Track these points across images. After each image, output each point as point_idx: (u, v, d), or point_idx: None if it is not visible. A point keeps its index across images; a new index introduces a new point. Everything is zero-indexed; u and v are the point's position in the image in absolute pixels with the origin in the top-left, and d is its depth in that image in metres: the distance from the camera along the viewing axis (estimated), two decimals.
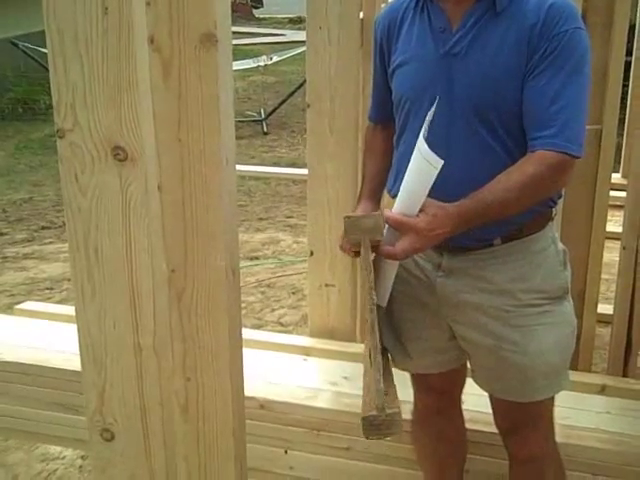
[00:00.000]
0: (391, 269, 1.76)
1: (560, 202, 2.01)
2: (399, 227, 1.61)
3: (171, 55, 1.37)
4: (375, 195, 2.02)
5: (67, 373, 2.71)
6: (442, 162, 1.54)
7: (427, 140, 1.57)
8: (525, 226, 1.83)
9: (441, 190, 1.62)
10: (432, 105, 1.73)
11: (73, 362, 1.48)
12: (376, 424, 1.47)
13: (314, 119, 2.77)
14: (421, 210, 1.61)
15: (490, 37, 1.74)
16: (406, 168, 1.68)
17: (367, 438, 1.50)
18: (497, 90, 1.73)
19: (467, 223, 1.65)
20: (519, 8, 1.73)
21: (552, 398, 1.97)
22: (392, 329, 1.97)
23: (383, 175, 2.01)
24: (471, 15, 1.77)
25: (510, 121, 1.74)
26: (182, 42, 1.37)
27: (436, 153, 1.55)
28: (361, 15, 2.73)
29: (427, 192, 1.59)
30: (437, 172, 1.55)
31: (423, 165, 1.55)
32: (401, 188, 1.64)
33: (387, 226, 1.64)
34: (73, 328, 1.46)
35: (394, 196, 1.82)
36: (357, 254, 1.73)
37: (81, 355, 1.43)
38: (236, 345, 1.55)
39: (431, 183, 1.57)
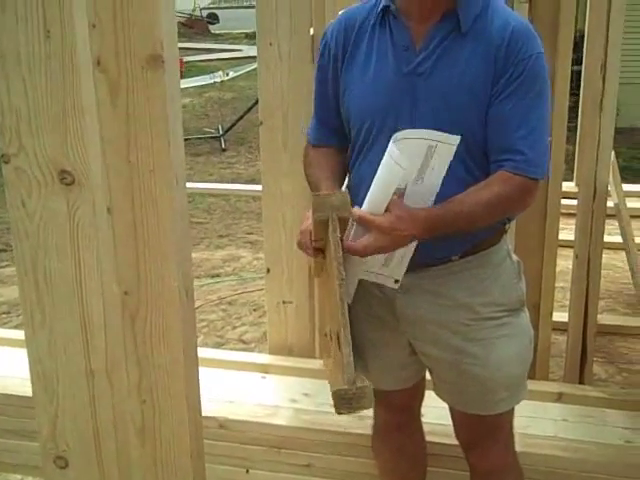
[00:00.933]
0: (355, 266, 1.74)
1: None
2: (363, 223, 1.62)
3: (118, 76, 1.36)
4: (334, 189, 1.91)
5: (22, 399, 2.67)
6: (408, 164, 1.57)
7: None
8: (482, 241, 1.84)
9: None
10: (396, 125, 1.71)
11: (27, 388, 1.46)
12: (347, 398, 1.46)
13: (267, 136, 2.77)
14: (387, 210, 1.62)
15: (456, 58, 1.73)
16: (367, 190, 1.66)
17: (338, 413, 1.49)
18: (462, 112, 1.72)
19: (434, 230, 1.65)
20: (483, 29, 1.72)
21: (512, 409, 1.98)
22: (352, 347, 1.95)
23: (338, 176, 1.92)
24: (435, 34, 1.74)
25: (473, 143, 1.73)
26: (129, 63, 1.36)
27: None
28: (311, 31, 2.74)
29: (392, 192, 1.61)
30: (403, 174, 1.59)
31: (393, 167, 1.58)
32: (370, 188, 1.65)
33: (354, 224, 1.65)
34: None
35: None
36: (317, 252, 1.72)
37: (32, 381, 1.42)
38: (192, 365, 1.54)
39: (396, 184, 1.60)
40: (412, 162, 1.60)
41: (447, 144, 1.60)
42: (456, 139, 1.59)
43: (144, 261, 1.42)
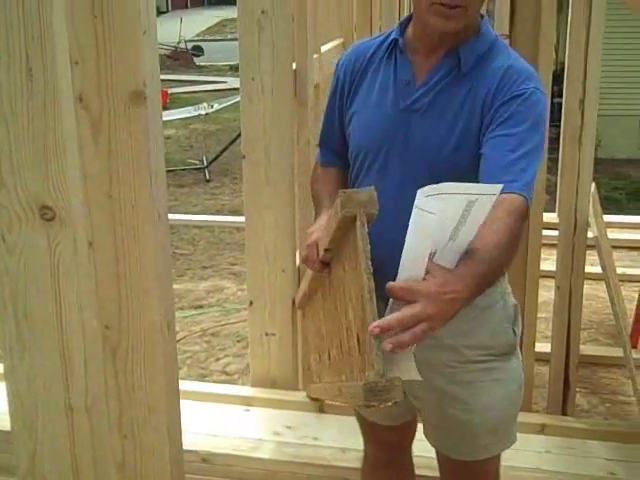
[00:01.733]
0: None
1: None
2: (408, 295, 1.35)
3: (100, 113, 1.38)
4: None
5: (1, 434, 2.64)
6: (439, 209, 1.36)
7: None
8: None
9: (388, 251, 1.43)
10: (387, 159, 1.71)
11: (6, 422, 1.45)
12: (377, 390, 1.41)
13: (250, 169, 2.79)
14: (427, 273, 1.39)
15: (451, 98, 1.71)
16: None
17: (367, 407, 1.40)
18: (452, 155, 1.69)
19: (478, 286, 1.44)
20: (482, 71, 1.71)
21: (498, 455, 1.93)
22: None
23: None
24: (437, 71, 1.73)
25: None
26: (111, 100, 1.37)
27: (387, 214, 1.49)
28: (294, 66, 2.77)
29: (428, 252, 1.41)
30: (437, 225, 1.38)
31: (422, 219, 1.37)
32: (402, 258, 1.41)
33: (389, 306, 1.44)
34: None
35: None
36: (324, 266, 1.69)
37: (10, 416, 1.41)
38: (173, 400, 1.54)
39: (431, 235, 1.38)
40: (446, 217, 1.38)
41: (487, 195, 1.38)
42: (498, 188, 1.38)
43: (125, 296, 1.43)
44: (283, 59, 2.70)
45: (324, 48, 3.33)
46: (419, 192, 1.36)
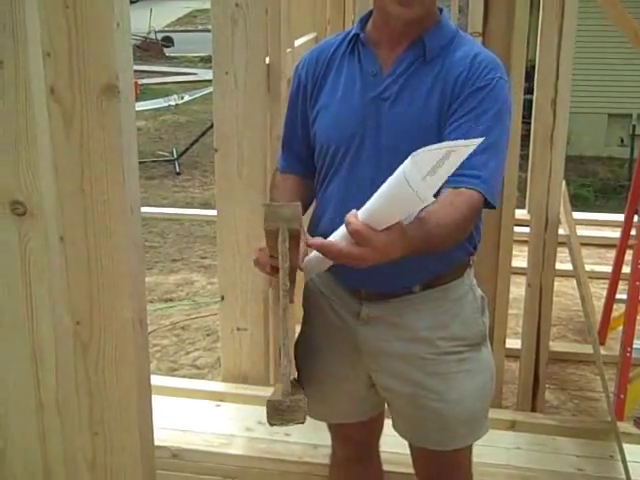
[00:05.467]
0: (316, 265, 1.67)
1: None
2: (359, 239, 1.45)
3: (72, 106, 1.36)
4: None
5: None
6: (432, 200, 1.44)
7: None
8: (445, 274, 1.83)
9: None
10: (360, 149, 1.73)
11: None
12: (280, 409, 1.45)
13: (222, 163, 2.77)
14: (387, 227, 1.46)
15: (419, 85, 1.75)
16: (334, 210, 1.66)
17: (270, 424, 1.47)
18: (424, 137, 1.69)
19: (412, 252, 1.53)
20: (447, 58, 1.75)
21: (470, 446, 1.96)
22: (310, 378, 1.93)
23: (302, 200, 1.82)
24: (402, 61, 1.77)
25: None
26: (83, 93, 1.36)
27: (361, 203, 1.49)
28: (267, 60, 2.76)
29: (398, 218, 1.47)
30: (415, 200, 1.43)
31: (403, 190, 1.42)
32: (375, 198, 1.48)
33: (343, 230, 1.51)
34: None
35: None
36: (274, 270, 1.68)
37: None
38: (145, 397, 1.52)
39: (406, 213, 1.47)
40: (424, 173, 1.42)
41: (465, 147, 1.44)
42: (477, 141, 1.44)
43: (97, 291, 1.41)
44: (256, 53, 2.69)
45: (297, 42, 3.32)
46: (410, 160, 1.39)
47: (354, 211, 1.48)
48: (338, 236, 1.55)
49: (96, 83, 1.36)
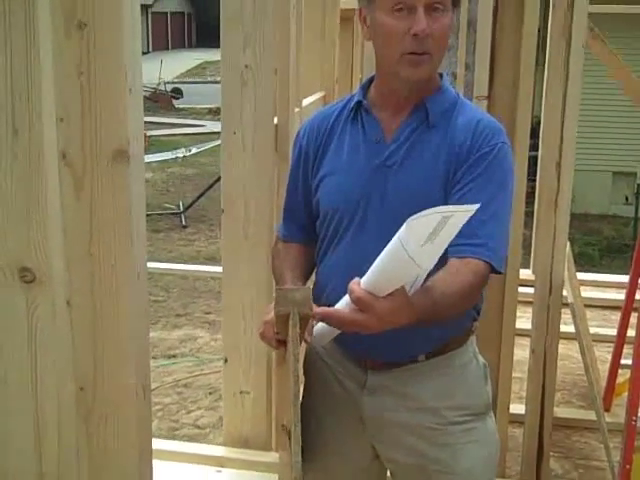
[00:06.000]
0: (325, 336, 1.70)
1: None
2: (362, 305, 1.49)
3: (83, 170, 1.37)
4: (298, 282, 1.87)
5: None
6: (430, 266, 1.48)
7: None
8: (449, 341, 1.82)
9: None
10: (365, 216, 1.73)
11: None
12: None
13: (229, 224, 2.77)
14: (391, 294, 1.49)
15: (423, 151, 1.76)
16: (339, 278, 1.66)
17: None
18: (429, 203, 1.65)
19: (418, 320, 1.55)
20: (449, 123, 1.76)
21: None
22: (311, 448, 1.90)
23: (303, 270, 1.92)
24: (406, 127, 1.78)
25: None
26: (95, 158, 1.37)
27: (367, 267, 1.51)
28: (275, 120, 2.78)
29: (399, 284, 1.50)
30: (413, 269, 1.46)
31: (410, 264, 1.45)
32: (376, 264, 1.51)
33: (347, 298, 1.55)
34: None
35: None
36: (280, 344, 1.69)
37: None
38: (146, 464, 1.51)
39: (405, 280, 1.50)
40: (421, 242, 1.45)
41: (463, 212, 1.47)
42: (474, 207, 1.47)
43: (102, 357, 1.41)
44: (265, 114, 2.71)
45: (306, 102, 3.34)
46: (406, 226, 1.43)
47: (357, 279, 1.52)
48: (342, 304, 1.58)
49: (107, 148, 1.37)
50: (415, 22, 1.66)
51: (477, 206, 1.48)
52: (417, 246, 1.43)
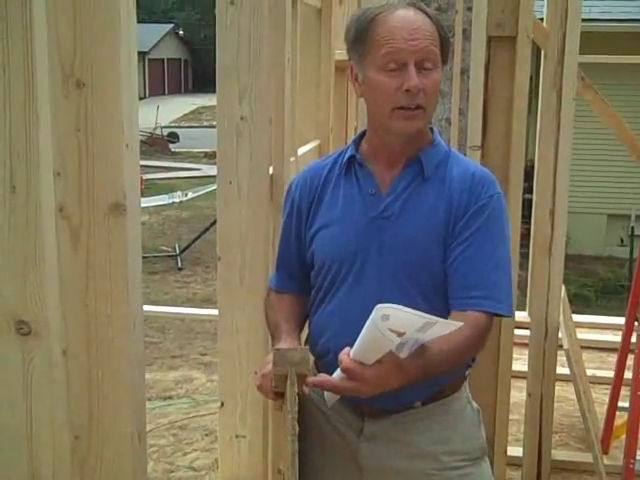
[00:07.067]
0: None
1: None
2: (351, 375, 1.56)
3: (80, 223, 1.39)
4: (293, 334, 1.89)
5: None
6: (398, 341, 1.53)
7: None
8: (445, 387, 1.83)
9: None
10: (363, 268, 1.75)
11: None
12: None
13: (225, 271, 2.78)
14: (379, 361, 1.56)
15: (420, 202, 1.78)
16: (336, 328, 1.72)
17: None
18: (427, 253, 1.75)
19: (414, 380, 1.60)
20: (445, 175, 1.80)
21: None
22: None
23: (297, 320, 1.94)
24: (401, 180, 1.80)
25: (439, 282, 1.76)
26: (91, 211, 1.39)
27: (364, 317, 1.52)
28: (270, 170, 2.81)
29: (384, 353, 1.56)
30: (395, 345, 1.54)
31: (376, 336, 1.53)
32: (360, 336, 1.56)
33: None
34: None
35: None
36: (277, 396, 1.70)
37: None
38: None
39: (386, 350, 1.55)
40: (406, 330, 1.52)
41: (447, 324, 1.55)
42: (458, 325, 1.55)
43: (97, 405, 1.42)
44: (260, 163, 2.73)
45: (301, 151, 3.38)
46: (376, 308, 1.48)
47: (347, 348, 1.58)
48: (337, 372, 1.62)
49: (104, 202, 1.39)
50: (407, 78, 1.70)
51: (460, 324, 1.55)
52: (394, 333, 1.50)
